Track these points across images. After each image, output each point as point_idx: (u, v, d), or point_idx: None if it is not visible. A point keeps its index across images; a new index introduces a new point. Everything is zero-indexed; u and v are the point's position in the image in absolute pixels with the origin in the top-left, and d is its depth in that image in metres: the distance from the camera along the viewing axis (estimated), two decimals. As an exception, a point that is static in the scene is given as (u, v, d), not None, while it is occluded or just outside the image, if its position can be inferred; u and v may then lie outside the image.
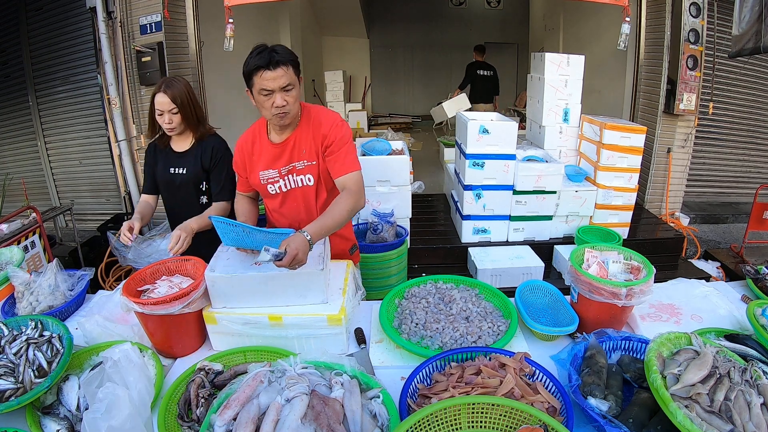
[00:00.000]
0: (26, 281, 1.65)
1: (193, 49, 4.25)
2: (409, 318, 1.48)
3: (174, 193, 2.06)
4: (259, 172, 1.69)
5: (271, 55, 1.45)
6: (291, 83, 1.50)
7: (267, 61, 1.45)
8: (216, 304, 1.42)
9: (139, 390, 1.15)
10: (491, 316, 1.49)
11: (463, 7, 10.27)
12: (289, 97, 1.51)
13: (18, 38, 4.62)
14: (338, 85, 8.85)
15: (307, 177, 1.68)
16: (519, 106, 8.94)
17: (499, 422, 1.00)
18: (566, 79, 3.73)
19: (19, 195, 4.75)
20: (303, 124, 1.65)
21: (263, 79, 1.47)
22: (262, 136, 1.70)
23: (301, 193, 1.71)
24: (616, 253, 1.56)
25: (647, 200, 4.48)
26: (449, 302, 1.55)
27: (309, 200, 1.72)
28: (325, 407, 1.03)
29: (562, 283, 3.14)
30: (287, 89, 1.50)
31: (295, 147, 1.65)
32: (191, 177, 2.01)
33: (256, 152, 1.70)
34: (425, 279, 1.68)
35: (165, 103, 1.87)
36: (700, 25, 3.97)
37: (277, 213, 1.79)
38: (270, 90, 1.48)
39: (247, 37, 6.29)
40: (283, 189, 1.71)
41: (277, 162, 1.67)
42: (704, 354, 1.11)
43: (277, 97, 1.49)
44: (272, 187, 1.71)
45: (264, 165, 1.69)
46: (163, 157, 2.04)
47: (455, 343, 1.38)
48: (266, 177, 1.70)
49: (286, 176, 1.69)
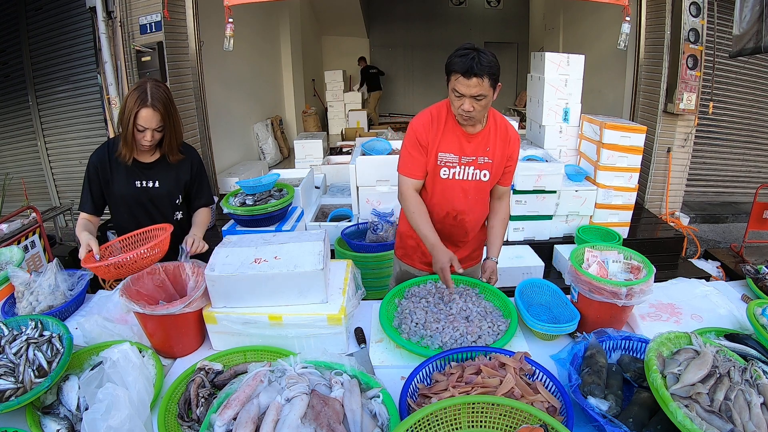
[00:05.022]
0: (26, 281, 1.65)
1: (193, 48, 4.25)
2: (409, 318, 1.48)
3: (137, 209, 1.82)
4: (439, 153, 1.69)
5: (472, 63, 1.45)
6: (483, 94, 1.51)
7: (465, 69, 1.46)
8: (216, 304, 1.42)
9: (138, 390, 1.15)
10: (491, 316, 1.49)
11: (463, 6, 10.28)
12: (477, 105, 1.53)
13: (18, 38, 4.62)
14: (338, 85, 8.86)
15: (483, 173, 1.71)
16: (519, 106, 8.95)
17: (499, 422, 1.00)
18: (566, 78, 3.73)
19: (19, 195, 4.75)
20: (491, 124, 1.70)
21: (458, 83, 1.50)
22: (449, 120, 1.68)
23: (472, 186, 1.73)
24: (616, 253, 1.56)
25: (647, 200, 4.48)
26: (449, 302, 1.55)
27: (478, 194, 1.75)
28: (325, 407, 1.03)
29: (562, 282, 3.14)
30: (478, 98, 1.52)
31: (483, 142, 1.68)
32: (166, 191, 1.83)
33: (440, 133, 1.68)
34: (425, 278, 1.69)
35: (153, 121, 1.64)
36: (700, 25, 3.97)
37: (440, 197, 1.75)
38: (461, 94, 1.52)
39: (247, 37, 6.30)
40: (456, 177, 1.71)
41: (462, 150, 1.68)
42: (704, 354, 1.11)
43: (465, 102, 1.52)
44: (446, 171, 1.70)
45: (446, 147, 1.68)
46: (122, 171, 1.77)
47: (455, 342, 1.37)
48: (445, 160, 1.69)
49: (465, 166, 1.70)
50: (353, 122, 8.59)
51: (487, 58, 1.47)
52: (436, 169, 1.71)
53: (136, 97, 1.62)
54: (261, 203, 2.59)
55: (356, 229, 2.94)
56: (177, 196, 1.88)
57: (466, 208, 1.75)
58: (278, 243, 1.53)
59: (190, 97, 4.29)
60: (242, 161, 6.05)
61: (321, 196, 4.06)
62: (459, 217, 1.77)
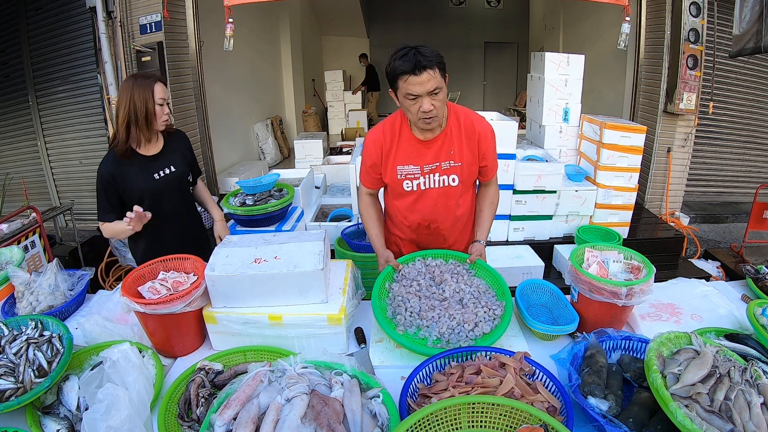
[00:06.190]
0: (26, 281, 1.65)
1: (193, 48, 4.25)
2: (403, 306, 1.45)
3: (161, 199, 1.88)
4: (397, 166, 1.64)
5: (417, 58, 1.40)
6: (438, 87, 1.45)
7: (413, 66, 1.40)
8: (216, 304, 1.42)
9: (138, 390, 1.15)
10: (485, 297, 1.47)
11: (463, 6, 10.28)
12: (436, 101, 1.46)
13: (18, 38, 4.61)
14: (338, 85, 8.87)
15: (450, 178, 1.65)
16: (519, 106, 8.95)
17: (499, 422, 1.00)
18: (566, 78, 3.73)
19: (19, 195, 4.75)
20: (452, 124, 1.62)
21: (409, 84, 1.43)
22: (403, 130, 1.63)
23: (440, 193, 1.68)
24: (616, 253, 1.56)
25: (647, 200, 4.48)
26: (441, 283, 1.53)
27: (449, 200, 1.69)
28: (325, 407, 1.03)
29: (562, 282, 3.14)
30: (434, 93, 1.45)
31: (443, 147, 1.62)
32: (180, 173, 1.93)
33: (395, 146, 1.64)
34: (413, 256, 1.66)
35: (166, 92, 1.80)
36: (700, 25, 3.97)
37: (408, 210, 1.73)
38: (416, 95, 1.45)
39: (247, 37, 6.30)
40: (421, 187, 1.66)
41: (421, 158, 1.63)
42: (704, 353, 1.11)
43: (424, 102, 1.45)
44: (409, 183, 1.66)
45: (403, 160, 1.64)
46: (135, 170, 1.81)
47: (452, 332, 1.35)
48: (405, 172, 1.64)
49: (428, 174, 1.65)
50: (353, 122, 8.60)
51: (429, 50, 1.42)
52: (397, 182, 1.66)
53: (140, 83, 1.73)
54: (261, 203, 2.59)
55: (356, 229, 2.93)
56: (188, 172, 2.01)
57: (438, 216, 1.71)
58: (278, 243, 1.53)
59: (190, 97, 4.29)
60: (242, 161, 6.06)
61: (321, 196, 4.06)
62: (432, 226, 1.74)
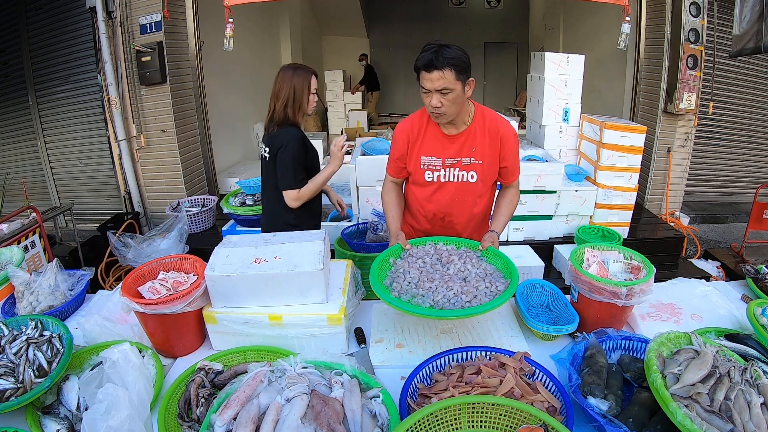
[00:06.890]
0: (26, 281, 1.65)
1: (193, 48, 4.25)
2: (402, 276, 1.44)
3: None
4: (421, 156, 1.70)
5: (433, 56, 1.46)
6: (447, 87, 1.50)
7: (425, 63, 1.48)
8: (216, 304, 1.42)
9: (138, 390, 1.15)
10: (490, 277, 1.44)
11: (463, 6, 10.27)
12: (445, 100, 1.52)
13: (18, 38, 4.61)
14: (338, 85, 8.87)
15: (469, 174, 1.70)
16: (519, 106, 8.95)
17: (499, 422, 1.00)
18: (566, 78, 3.73)
19: (19, 195, 4.74)
20: (477, 123, 1.67)
21: (423, 79, 1.52)
22: (431, 123, 1.69)
23: (458, 188, 1.72)
24: (616, 253, 1.56)
25: (647, 200, 4.48)
26: (447, 263, 1.51)
27: (466, 196, 1.74)
28: (325, 407, 1.03)
29: (562, 282, 3.14)
30: (443, 92, 1.51)
31: (466, 143, 1.67)
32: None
33: (421, 137, 1.70)
34: (424, 240, 1.66)
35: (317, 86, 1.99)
36: (700, 25, 3.97)
37: (426, 200, 1.78)
38: (427, 89, 1.53)
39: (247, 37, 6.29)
40: (441, 179, 1.72)
41: (444, 152, 1.68)
42: (704, 353, 1.11)
43: (433, 98, 1.53)
44: (430, 174, 1.71)
45: (428, 151, 1.70)
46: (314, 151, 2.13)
47: (447, 302, 1.32)
48: (427, 163, 1.70)
49: (449, 168, 1.70)
50: (353, 122, 8.59)
51: (451, 52, 1.47)
52: (420, 172, 1.72)
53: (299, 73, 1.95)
54: (261, 203, 2.59)
55: (356, 229, 2.93)
56: None
57: (453, 210, 1.75)
58: (278, 243, 1.53)
59: (190, 97, 4.29)
60: (242, 161, 6.05)
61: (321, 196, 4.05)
62: (447, 219, 1.78)
